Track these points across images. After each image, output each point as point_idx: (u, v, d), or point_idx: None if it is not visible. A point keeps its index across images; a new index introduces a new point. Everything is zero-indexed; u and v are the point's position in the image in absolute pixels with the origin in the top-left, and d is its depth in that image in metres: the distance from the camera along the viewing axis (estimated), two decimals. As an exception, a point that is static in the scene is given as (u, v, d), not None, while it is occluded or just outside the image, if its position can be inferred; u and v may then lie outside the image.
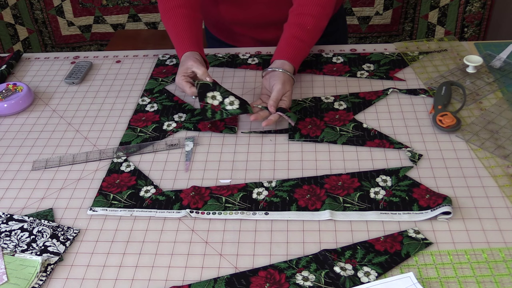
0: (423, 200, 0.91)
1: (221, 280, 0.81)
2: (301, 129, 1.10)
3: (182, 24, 1.21)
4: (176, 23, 1.21)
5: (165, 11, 1.23)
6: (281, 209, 0.92)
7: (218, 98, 1.09)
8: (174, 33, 1.21)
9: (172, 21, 1.21)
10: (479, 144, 1.03)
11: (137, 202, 0.96)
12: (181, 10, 1.21)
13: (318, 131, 1.09)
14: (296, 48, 1.18)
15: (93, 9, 2.44)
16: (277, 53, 1.18)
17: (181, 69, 1.15)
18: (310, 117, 1.13)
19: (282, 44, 1.19)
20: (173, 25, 1.21)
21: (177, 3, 1.21)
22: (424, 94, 1.18)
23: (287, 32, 1.20)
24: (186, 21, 1.21)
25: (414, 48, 1.34)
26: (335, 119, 1.12)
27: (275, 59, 1.18)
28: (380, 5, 2.35)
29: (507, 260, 0.81)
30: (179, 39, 1.20)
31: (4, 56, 1.43)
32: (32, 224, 0.93)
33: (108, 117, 1.19)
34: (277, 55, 1.18)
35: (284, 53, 1.17)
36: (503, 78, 1.20)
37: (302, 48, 1.19)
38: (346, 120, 1.11)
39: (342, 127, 1.10)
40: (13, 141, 1.15)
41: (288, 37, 1.19)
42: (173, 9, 1.21)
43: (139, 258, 0.86)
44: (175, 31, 1.21)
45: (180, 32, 1.21)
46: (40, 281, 0.82)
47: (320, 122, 1.11)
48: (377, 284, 0.78)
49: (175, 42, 1.21)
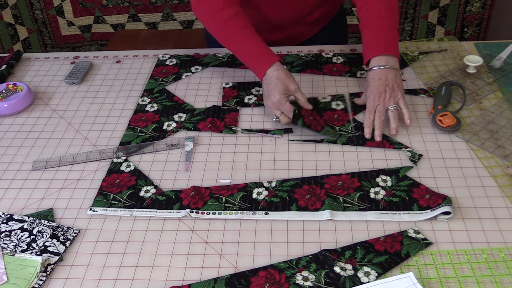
0: (423, 200, 0.91)
1: (221, 280, 0.81)
2: (304, 116, 1.09)
3: (247, 34, 1.13)
4: (240, 35, 1.13)
5: (219, 28, 1.15)
6: (281, 209, 0.92)
7: None
8: (244, 46, 1.13)
9: (233, 33, 1.13)
10: (479, 144, 1.03)
11: (137, 202, 0.96)
12: (238, 19, 1.13)
13: (319, 126, 1.09)
14: (381, 39, 1.10)
15: (93, 9, 2.44)
16: (366, 54, 1.12)
17: (281, 89, 1.07)
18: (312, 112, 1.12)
19: (367, 44, 1.13)
20: (236, 37, 1.14)
21: (227, 15, 1.13)
22: (424, 94, 1.18)
23: (366, 30, 1.13)
24: (250, 30, 1.13)
25: (414, 48, 1.34)
26: (334, 119, 1.12)
27: (370, 57, 1.11)
28: (380, 5, 2.34)
29: (507, 260, 0.81)
30: (257, 50, 1.12)
31: (4, 56, 1.43)
32: (32, 224, 0.93)
33: (108, 117, 1.19)
34: (367, 56, 1.12)
35: (371, 50, 1.11)
36: (503, 78, 1.20)
37: (390, 36, 1.11)
38: (345, 120, 1.11)
39: (341, 127, 1.10)
40: (13, 141, 1.15)
41: (370, 33, 1.12)
42: (229, 21, 1.13)
43: (139, 258, 0.86)
44: (244, 44, 1.13)
45: (253, 44, 1.12)
46: (40, 281, 0.82)
47: (320, 119, 1.11)
48: (377, 284, 0.78)
49: (250, 56, 1.13)
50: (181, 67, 1.35)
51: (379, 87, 1.08)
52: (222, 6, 1.14)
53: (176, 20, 2.44)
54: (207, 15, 1.17)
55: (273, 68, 1.10)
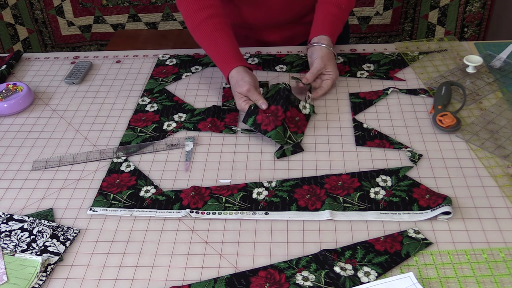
0: (423, 200, 0.91)
1: (221, 280, 0.81)
2: (257, 114, 1.08)
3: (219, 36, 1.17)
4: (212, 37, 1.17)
5: (195, 25, 1.19)
6: (281, 209, 0.92)
7: None
8: (214, 49, 1.18)
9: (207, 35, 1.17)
10: (479, 144, 1.03)
11: (137, 202, 0.96)
12: (214, 20, 1.17)
13: (271, 125, 1.05)
14: (333, 24, 1.22)
15: (93, 9, 2.44)
16: (315, 30, 1.21)
17: (237, 98, 1.13)
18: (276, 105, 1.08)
19: (319, 20, 1.23)
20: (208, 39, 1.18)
21: (206, 14, 1.17)
22: (424, 94, 1.18)
23: (323, 9, 1.24)
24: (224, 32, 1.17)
25: (414, 48, 1.34)
26: (294, 120, 1.09)
27: (314, 35, 1.21)
28: (380, 5, 2.35)
29: (507, 260, 0.81)
30: (221, 54, 1.17)
31: (4, 56, 1.43)
32: (32, 224, 0.93)
33: (108, 117, 1.19)
34: (316, 32, 1.21)
35: (322, 28, 1.21)
36: (503, 78, 1.20)
37: (338, 25, 1.24)
38: (301, 129, 1.09)
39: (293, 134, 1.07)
40: (13, 141, 1.15)
41: (325, 14, 1.23)
42: (205, 21, 1.17)
43: (139, 258, 0.86)
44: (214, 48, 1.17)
45: (220, 48, 1.17)
46: (40, 281, 0.82)
47: (281, 114, 1.07)
48: (377, 284, 0.78)
49: (216, 59, 1.18)
50: (181, 67, 1.35)
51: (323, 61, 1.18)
52: (201, 7, 1.18)
53: (176, 20, 2.44)
54: (186, 13, 1.21)
55: (230, 75, 1.15)
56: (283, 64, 1.32)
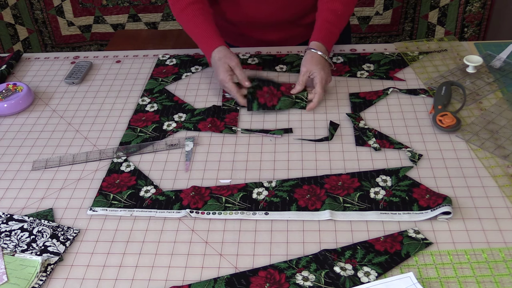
0: (423, 200, 0.91)
1: (221, 280, 0.81)
2: (258, 96, 1.15)
3: (203, 20, 1.23)
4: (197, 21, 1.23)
5: (180, 10, 1.25)
6: (281, 209, 0.92)
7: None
8: (197, 30, 1.23)
9: (192, 18, 1.23)
10: (479, 144, 1.03)
11: (137, 202, 0.96)
12: (197, 6, 1.23)
13: (275, 99, 1.14)
14: (326, 30, 1.23)
15: (93, 9, 2.44)
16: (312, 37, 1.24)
17: (223, 69, 1.17)
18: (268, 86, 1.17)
19: (315, 27, 1.25)
20: (193, 22, 1.23)
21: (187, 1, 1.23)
22: (424, 94, 1.18)
23: (318, 16, 1.25)
24: (206, 17, 1.24)
25: (414, 48, 1.34)
26: (291, 88, 1.17)
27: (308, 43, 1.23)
28: (380, 5, 2.35)
29: (507, 260, 0.81)
30: (205, 35, 1.22)
31: (4, 56, 1.43)
32: (32, 224, 0.93)
33: (108, 117, 1.19)
34: (311, 38, 1.23)
35: (314, 34, 1.23)
36: (503, 78, 1.20)
37: (334, 32, 1.24)
38: None
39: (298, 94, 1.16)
40: (13, 141, 1.15)
41: (320, 22, 1.24)
42: (189, 6, 1.23)
43: (139, 258, 0.86)
44: (198, 28, 1.23)
45: (204, 28, 1.23)
46: (40, 281, 0.82)
47: (277, 92, 1.16)
48: (377, 284, 0.78)
49: (200, 39, 1.24)
50: (181, 67, 1.35)
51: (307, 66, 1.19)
52: None
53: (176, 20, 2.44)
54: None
55: (216, 50, 1.20)
56: (283, 64, 1.32)
